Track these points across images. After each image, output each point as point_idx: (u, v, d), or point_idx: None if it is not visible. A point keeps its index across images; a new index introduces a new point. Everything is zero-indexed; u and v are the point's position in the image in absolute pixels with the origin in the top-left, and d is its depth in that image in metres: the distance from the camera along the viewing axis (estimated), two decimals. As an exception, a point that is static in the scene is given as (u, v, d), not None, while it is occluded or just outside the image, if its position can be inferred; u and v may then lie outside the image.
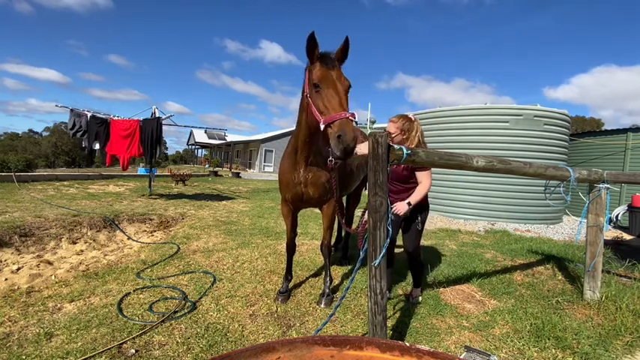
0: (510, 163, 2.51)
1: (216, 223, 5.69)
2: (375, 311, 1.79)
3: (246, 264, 3.67)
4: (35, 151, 47.76)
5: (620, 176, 3.10)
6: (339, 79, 2.02)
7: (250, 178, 20.19)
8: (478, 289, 3.23)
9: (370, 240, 1.77)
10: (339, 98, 1.96)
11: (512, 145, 7.44)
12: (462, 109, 8.07)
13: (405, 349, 0.56)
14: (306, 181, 2.48)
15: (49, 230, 4.44)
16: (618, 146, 9.03)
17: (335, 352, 0.56)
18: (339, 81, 2.02)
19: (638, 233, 6.43)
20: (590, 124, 36.03)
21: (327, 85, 2.00)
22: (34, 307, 2.48)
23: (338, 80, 2.01)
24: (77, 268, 3.42)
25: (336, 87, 1.99)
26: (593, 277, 3.00)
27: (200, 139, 40.37)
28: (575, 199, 3.67)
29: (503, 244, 5.29)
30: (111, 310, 2.48)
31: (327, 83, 2.00)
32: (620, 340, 2.38)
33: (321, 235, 3.09)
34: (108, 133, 7.59)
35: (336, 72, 2.04)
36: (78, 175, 11.35)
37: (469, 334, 2.40)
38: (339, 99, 1.96)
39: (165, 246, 4.23)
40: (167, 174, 14.30)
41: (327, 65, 2.03)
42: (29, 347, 1.98)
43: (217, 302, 2.70)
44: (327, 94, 1.98)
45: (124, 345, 2.05)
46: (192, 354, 2.00)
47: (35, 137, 60.07)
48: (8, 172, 9.82)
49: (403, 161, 1.85)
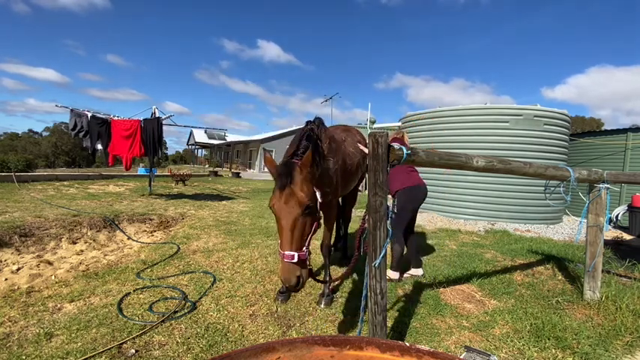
0: (510, 163, 2.50)
1: (216, 223, 5.69)
2: (375, 311, 1.79)
3: (246, 264, 3.67)
4: (35, 151, 47.74)
5: (620, 176, 3.10)
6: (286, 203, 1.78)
7: (250, 178, 20.19)
8: (478, 289, 3.23)
9: (370, 240, 1.77)
10: (283, 234, 1.79)
11: (512, 145, 7.43)
12: (462, 109, 8.07)
13: (405, 349, 0.56)
14: None
15: (49, 230, 4.44)
16: (618, 146, 9.03)
17: (335, 352, 0.56)
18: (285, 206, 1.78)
19: (638, 233, 6.43)
20: (590, 124, 36.04)
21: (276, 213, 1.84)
22: (34, 307, 2.48)
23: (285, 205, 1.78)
24: (77, 268, 3.42)
25: (281, 216, 1.80)
26: (593, 277, 3.00)
27: (200, 139, 40.36)
28: (575, 199, 3.67)
29: (503, 244, 5.29)
30: (111, 310, 2.48)
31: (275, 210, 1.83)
32: (620, 340, 2.38)
33: (320, 235, 3.09)
34: (109, 133, 7.60)
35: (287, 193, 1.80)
36: (78, 175, 11.36)
37: (469, 334, 2.40)
38: (283, 234, 1.80)
39: (165, 246, 4.23)
40: (167, 174, 14.30)
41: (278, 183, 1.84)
42: (29, 347, 1.98)
43: (217, 302, 2.70)
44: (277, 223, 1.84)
45: (124, 345, 2.05)
46: (192, 354, 2.00)
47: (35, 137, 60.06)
48: (8, 172, 9.82)
49: (403, 161, 1.85)
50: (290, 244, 1.79)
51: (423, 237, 5.46)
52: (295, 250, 1.78)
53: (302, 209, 1.81)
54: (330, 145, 2.59)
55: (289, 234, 1.79)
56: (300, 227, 1.82)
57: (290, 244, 1.79)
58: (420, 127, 8.76)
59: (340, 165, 2.69)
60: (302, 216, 1.82)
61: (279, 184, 1.86)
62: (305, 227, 1.85)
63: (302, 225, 1.83)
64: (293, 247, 1.78)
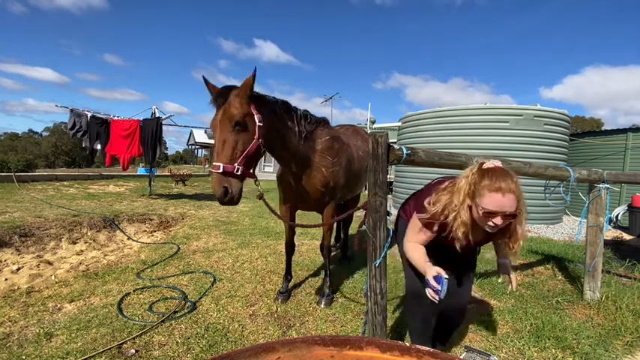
0: (510, 163, 2.50)
1: (216, 223, 5.69)
2: (375, 311, 1.79)
3: (246, 264, 3.67)
4: (35, 151, 47.78)
5: (620, 176, 3.10)
6: (219, 121, 1.90)
7: (250, 178, 20.17)
8: (478, 290, 3.23)
9: (370, 240, 1.77)
10: (216, 147, 1.91)
11: (512, 145, 7.43)
12: (462, 109, 8.07)
13: (405, 349, 0.56)
14: (301, 186, 2.47)
15: (49, 230, 4.44)
16: (618, 146, 9.02)
17: (335, 352, 0.56)
18: (218, 124, 1.90)
19: (638, 233, 6.42)
20: (590, 124, 36.05)
21: (212, 131, 1.95)
22: (34, 307, 2.48)
23: (219, 123, 1.90)
24: (77, 268, 3.42)
25: (214, 133, 1.93)
26: (593, 277, 3.00)
27: (200, 139, 40.33)
28: (575, 199, 3.67)
29: (503, 244, 5.29)
30: (111, 310, 2.48)
31: (211, 129, 1.95)
32: (620, 340, 2.38)
33: (320, 235, 3.09)
34: (108, 133, 7.60)
35: (221, 113, 1.91)
36: (78, 175, 11.36)
37: (469, 334, 2.40)
38: (215, 147, 1.91)
39: (165, 246, 4.23)
40: (167, 174, 14.31)
41: (215, 106, 1.96)
42: (29, 347, 1.98)
43: (217, 302, 2.70)
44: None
45: (124, 345, 2.05)
46: (192, 354, 2.00)
47: (35, 137, 60.11)
48: (8, 172, 9.82)
49: (403, 161, 1.85)
50: (219, 157, 1.87)
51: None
52: (224, 162, 1.86)
53: (232, 125, 1.88)
54: (332, 143, 2.57)
55: (220, 147, 1.88)
56: (231, 143, 1.89)
57: (219, 157, 1.87)
58: (420, 127, 8.76)
59: (344, 166, 2.66)
60: (232, 132, 1.89)
61: (216, 105, 1.96)
62: (237, 144, 1.91)
63: (233, 141, 1.90)
64: (222, 160, 1.86)
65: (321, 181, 2.47)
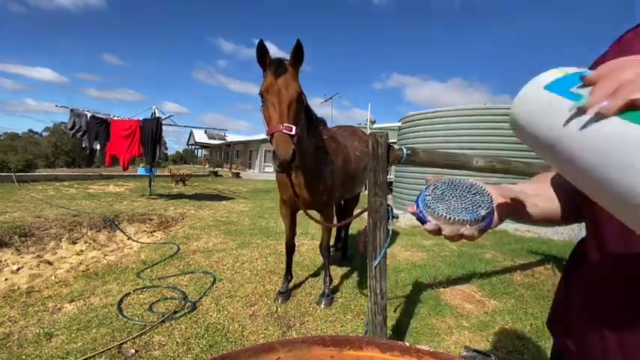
0: (510, 163, 2.51)
1: (216, 223, 5.69)
2: (375, 311, 1.79)
3: (246, 264, 3.67)
4: (35, 152, 47.80)
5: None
6: (284, 88, 1.89)
7: (250, 178, 20.21)
8: (478, 290, 3.23)
9: (370, 240, 1.77)
10: (280, 109, 1.86)
11: (512, 145, 7.44)
12: (462, 110, 8.07)
13: (405, 349, 0.56)
14: (299, 183, 2.47)
15: (49, 230, 4.44)
16: (618, 146, 9.03)
17: (335, 352, 0.56)
18: (284, 89, 1.89)
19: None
20: (590, 124, 36.02)
21: (271, 95, 1.92)
22: (34, 307, 2.48)
23: (284, 88, 1.89)
24: (77, 268, 3.42)
25: (279, 97, 1.89)
26: (593, 277, 3.00)
27: (200, 139, 40.38)
28: (575, 199, 3.67)
29: (503, 244, 5.29)
30: (111, 310, 2.48)
31: (271, 93, 1.91)
32: (620, 340, 2.38)
33: (320, 236, 3.09)
34: (108, 133, 7.60)
35: (283, 80, 1.90)
36: (78, 175, 11.36)
37: (469, 334, 2.40)
38: (279, 110, 1.86)
39: (165, 246, 4.23)
40: (167, 174, 14.30)
41: (273, 73, 1.93)
42: (29, 347, 1.98)
43: (217, 302, 2.70)
44: (270, 105, 1.91)
45: (124, 345, 2.05)
46: (192, 354, 2.00)
47: (35, 137, 60.12)
48: (8, 172, 9.83)
49: (403, 161, 1.85)
50: (287, 119, 1.84)
51: (423, 237, 5.46)
52: (293, 124, 1.84)
53: (297, 93, 1.91)
54: (330, 143, 2.59)
55: (286, 110, 1.86)
56: (296, 108, 1.91)
57: (287, 119, 1.84)
58: (420, 127, 8.77)
59: (340, 166, 2.67)
60: (297, 101, 1.91)
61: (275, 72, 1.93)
62: (299, 112, 1.95)
63: (298, 108, 1.93)
64: (291, 122, 1.85)
65: (318, 181, 2.48)
